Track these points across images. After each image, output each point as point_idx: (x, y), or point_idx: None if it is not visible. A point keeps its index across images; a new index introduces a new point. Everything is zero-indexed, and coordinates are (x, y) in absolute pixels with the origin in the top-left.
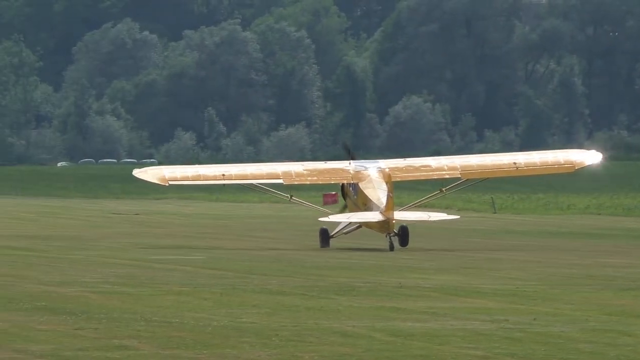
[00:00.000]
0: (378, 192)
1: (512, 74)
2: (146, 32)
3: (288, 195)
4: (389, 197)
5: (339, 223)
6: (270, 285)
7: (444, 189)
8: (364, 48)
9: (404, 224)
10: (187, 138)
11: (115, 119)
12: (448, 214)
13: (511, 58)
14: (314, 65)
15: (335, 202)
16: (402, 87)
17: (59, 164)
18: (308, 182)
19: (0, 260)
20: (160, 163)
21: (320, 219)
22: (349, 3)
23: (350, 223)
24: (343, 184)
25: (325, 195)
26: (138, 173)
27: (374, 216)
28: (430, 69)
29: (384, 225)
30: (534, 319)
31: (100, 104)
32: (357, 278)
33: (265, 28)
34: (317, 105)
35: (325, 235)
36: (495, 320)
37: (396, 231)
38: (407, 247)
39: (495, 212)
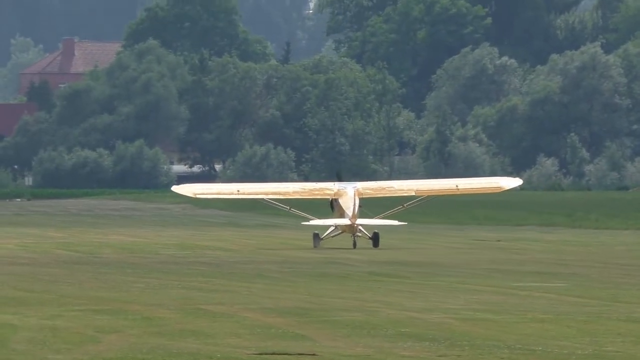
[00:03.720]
0: (349, 204)
1: None
2: (505, 57)
3: (287, 207)
4: (355, 209)
5: (327, 227)
6: (636, 314)
7: (405, 205)
8: None
9: (376, 230)
10: (549, 164)
11: (477, 145)
12: (398, 222)
13: None
14: None
15: None
16: None
17: None
18: (300, 197)
19: (363, 287)
20: (522, 189)
21: (303, 223)
22: None
23: (335, 228)
24: (331, 199)
25: None
26: (176, 189)
27: (344, 221)
28: None
29: (351, 228)
30: None
31: (464, 130)
32: None
33: (627, 53)
34: None
35: (316, 238)
36: None
37: (370, 235)
38: (378, 247)
39: None
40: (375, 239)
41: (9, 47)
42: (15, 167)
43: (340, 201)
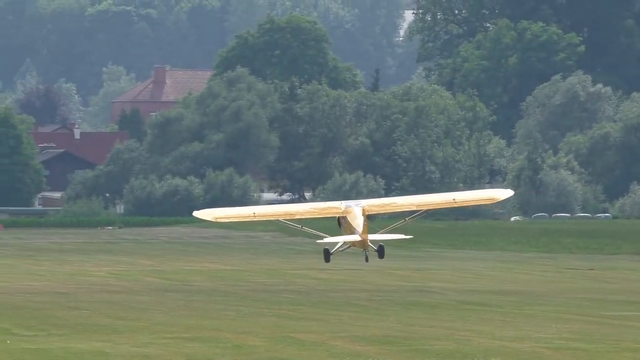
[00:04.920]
0: (358, 222)
1: None
2: (599, 85)
3: (300, 226)
4: (364, 225)
5: (336, 243)
6: None
7: (407, 218)
8: None
9: (381, 243)
10: None
11: (569, 172)
12: (405, 235)
13: None
14: None
15: None
16: None
17: (512, 219)
18: (312, 216)
19: (454, 315)
20: (614, 217)
21: (318, 241)
22: None
23: (343, 243)
24: (338, 217)
25: None
26: (197, 214)
27: (354, 237)
28: None
29: (362, 244)
30: None
31: (556, 158)
32: None
33: None
34: None
35: (327, 253)
36: None
37: (376, 248)
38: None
39: None
40: (380, 250)
41: (101, 76)
42: (107, 195)
43: (349, 218)
